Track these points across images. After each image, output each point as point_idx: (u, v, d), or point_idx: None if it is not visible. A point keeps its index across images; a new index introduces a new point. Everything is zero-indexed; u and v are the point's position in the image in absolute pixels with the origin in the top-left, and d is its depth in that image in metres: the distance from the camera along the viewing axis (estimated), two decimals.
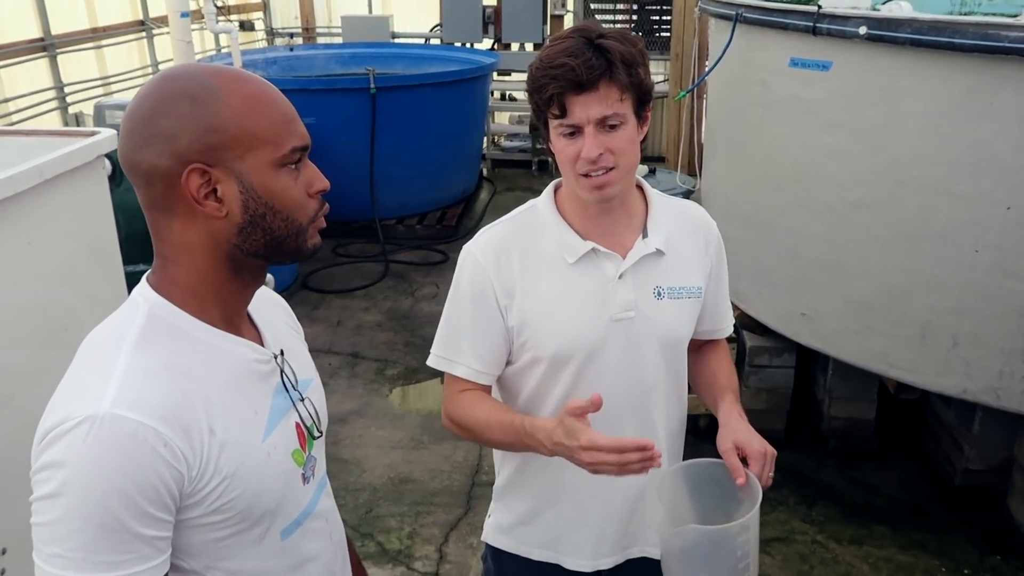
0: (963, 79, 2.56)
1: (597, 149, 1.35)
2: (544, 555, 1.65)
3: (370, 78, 5.84)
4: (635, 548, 1.64)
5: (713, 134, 3.92)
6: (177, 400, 0.97)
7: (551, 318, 1.48)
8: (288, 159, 1.03)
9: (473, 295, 1.50)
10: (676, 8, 6.53)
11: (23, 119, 5.56)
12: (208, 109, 0.98)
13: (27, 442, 2.06)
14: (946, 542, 3.10)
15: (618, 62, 1.32)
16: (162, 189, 1.00)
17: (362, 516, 3.25)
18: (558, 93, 1.33)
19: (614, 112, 1.34)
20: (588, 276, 1.48)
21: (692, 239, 1.57)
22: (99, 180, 2.31)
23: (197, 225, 1.02)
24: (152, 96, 1.00)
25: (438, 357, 1.56)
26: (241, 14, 8.70)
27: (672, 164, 6.15)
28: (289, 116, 1.05)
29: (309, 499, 1.17)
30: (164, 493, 0.94)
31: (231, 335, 1.07)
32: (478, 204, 7.25)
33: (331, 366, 4.43)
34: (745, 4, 3.22)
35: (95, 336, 1.05)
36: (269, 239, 1.05)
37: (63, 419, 0.93)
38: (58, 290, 2.09)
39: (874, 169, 2.86)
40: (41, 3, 5.72)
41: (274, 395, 1.12)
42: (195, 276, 1.04)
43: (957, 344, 2.80)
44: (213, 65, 1.05)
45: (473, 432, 1.53)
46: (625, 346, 1.49)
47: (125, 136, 1.01)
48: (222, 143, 0.99)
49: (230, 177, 1.00)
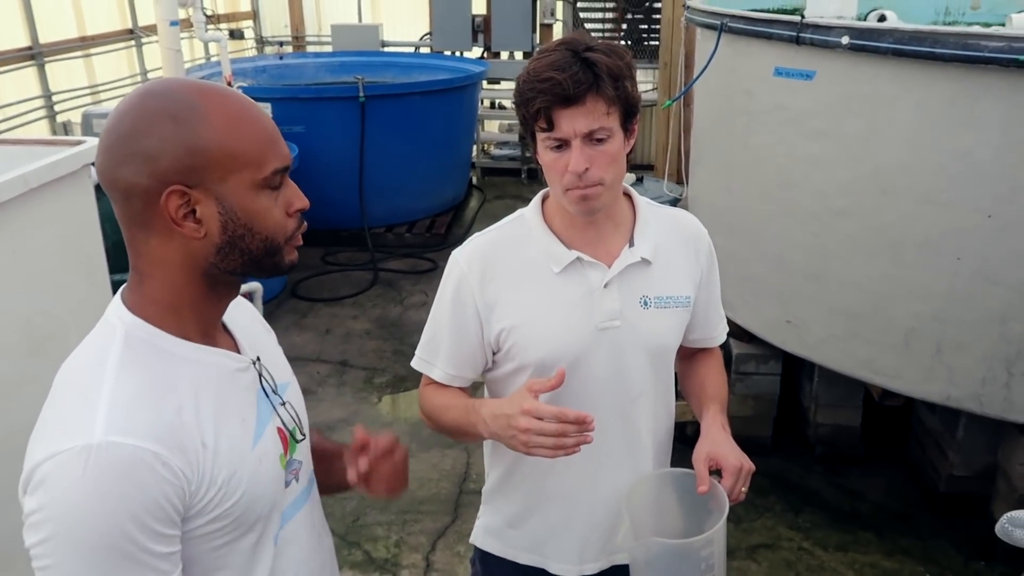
0: (945, 88, 2.59)
1: (584, 163, 1.35)
2: (530, 559, 1.66)
3: (359, 86, 5.85)
4: (620, 555, 1.64)
5: (699, 143, 3.94)
6: (168, 419, 0.97)
7: (536, 326, 1.49)
8: (269, 181, 1.03)
9: (453, 303, 1.53)
10: (664, 18, 6.57)
11: (11, 128, 5.54)
12: (190, 130, 0.97)
13: (12, 451, 2.05)
14: (931, 548, 3.11)
15: (605, 76, 1.33)
16: (140, 207, 0.99)
17: (349, 525, 3.25)
18: (545, 107, 1.34)
19: (600, 126, 1.35)
20: (573, 285, 1.49)
21: (682, 248, 1.57)
22: (85, 189, 2.31)
23: (174, 243, 1.01)
24: (133, 113, 0.99)
25: (419, 359, 1.61)
26: (231, 23, 8.70)
27: (660, 172, 6.18)
28: (272, 137, 1.04)
29: (293, 501, 1.18)
30: (170, 510, 0.95)
31: (208, 347, 1.07)
32: (468, 212, 7.26)
33: (320, 374, 4.43)
34: (730, 14, 3.25)
35: (71, 364, 1.04)
36: (247, 258, 1.05)
37: (52, 453, 0.91)
38: (44, 299, 2.09)
39: (858, 178, 2.88)
40: (29, 11, 5.70)
41: (257, 402, 1.12)
42: (171, 291, 1.04)
43: (941, 351, 2.82)
44: (196, 81, 1.04)
45: (434, 417, 1.58)
46: (611, 355, 1.50)
47: (104, 151, 1.00)
48: (203, 165, 0.98)
49: (210, 198, 1.00)
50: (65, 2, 6.26)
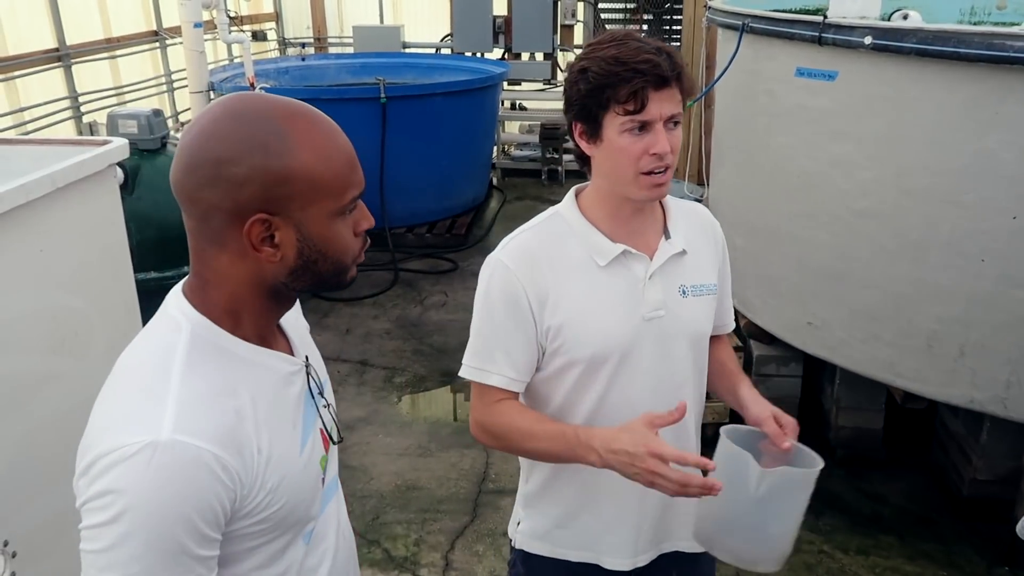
0: (969, 89, 2.57)
1: (667, 145, 1.41)
2: (581, 556, 1.66)
3: (381, 88, 5.88)
4: (668, 543, 1.66)
5: (720, 143, 3.93)
6: (231, 422, 0.98)
7: (586, 321, 1.50)
8: (347, 208, 1.04)
9: (506, 304, 1.50)
10: (686, 18, 6.55)
11: (38, 128, 5.63)
12: (279, 160, 0.97)
13: (38, 445, 2.09)
14: (954, 553, 3.08)
15: (680, 67, 1.40)
16: (219, 227, 1.00)
17: (369, 523, 3.27)
18: (641, 88, 1.37)
19: (678, 111, 1.41)
20: (618, 278, 1.51)
21: (704, 238, 1.63)
22: (111, 188, 2.34)
23: (246, 263, 1.02)
24: (222, 139, 0.97)
25: (471, 368, 1.55)
26: (254, 24, 8.77)
27: (680, 173, 6.16)
28: (352, 163, 1.04)
29: (324, 500, 1.19)
30: (220, 514, 0.96)
31: (265, 349, 1.08)
32: (488, 213, 7.27)
33: (340, 373, 4.46)
34: (751, 14, 3.24)
35: (136, 356, 1.04)
36: (316, 280, 1.06)
37: (118, 445, 0.92)
38: (69, 296, 2.12)
39: (880, 178, 2.86)
40: (57, 14, 5.79)
41: (304, 405, 1.13)
42: (233, 300, 1.05)
43: (964, 354, 2.79)
44: (282, 102, 1.02)
45: (511, 442, 1.53)
46: (656, 345, 1.52)
47: (187, 170, 0.99)
48: (288, 195, 0.98)
49: (289, 225, 1.00)
50: (91, 5, 6.35)
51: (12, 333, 1.91)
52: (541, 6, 7.98)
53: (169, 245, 3.46)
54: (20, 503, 1.87)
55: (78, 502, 0.95)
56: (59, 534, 1.92)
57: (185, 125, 7.11)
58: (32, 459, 1.93)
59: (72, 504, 0.96)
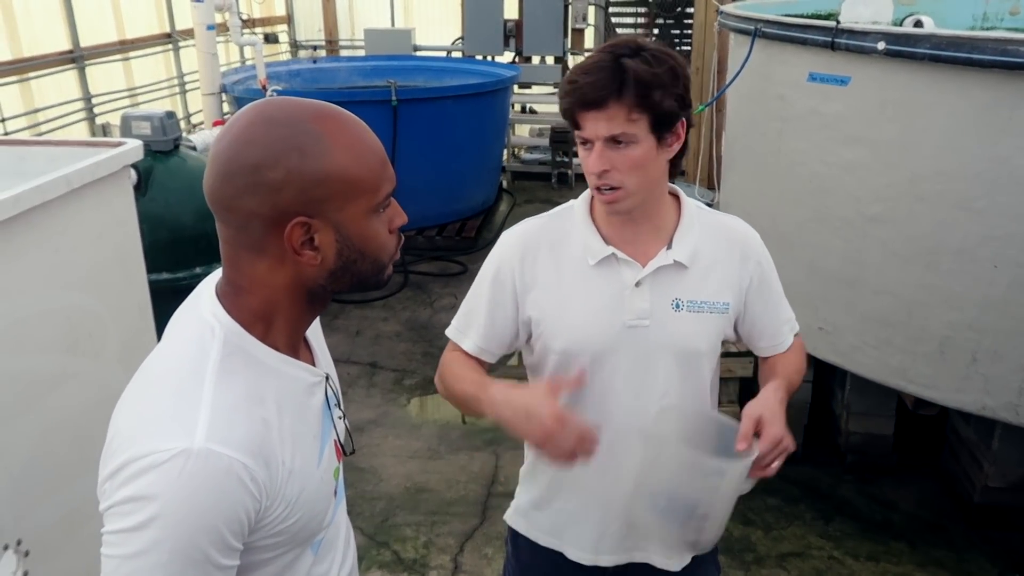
0: (982, 95, 2.56)
1: (601, 165, 1.39)
2: (549, 542, 1.69)
3: (392, 90, 5.89)
4: (639, 553, 1.66)
5: (732, 148, 3.92)
6: (260, 432, 0.98)
7: (563, 315, 1.53)
8: (383, 204, 1.04)
9: (493, 281, 1.58)
10: (697, 22, 6.55)
11: (52, 128, 5.66)
12: (315, 162, 0.97)
13: (51, 445, 2.10)
14: (965, 560, 3.07)
15: (631, 83, 1.34)
16: (258, 234, 0.99)
17: (378, 525, 3.27)
18: (568, 108, 1.41)
19: (623, 131, 1.37)
20: (606, 280, 1.52)
21: (726, 254, 1.57)
22: (125, 190, 2.36)
23: (286, 268, 1.02)
24: (257, 144, 0.97)
25: (454, 328, 1.66)
26: (266, 27, 8.80)
27: (692, 177, 6.15)
28: (383, 160, 1.05)
29: (332, 511, 1.19)
30: (245, 524, 0.96)
31: (292, 359, 1.08)
32: (498, 216, 7.27)
33: (350, 375, 4.46)
34: (764, 19, 3.23)
35: (168, 360, 1.03)
36: (356, 280, 1.06)
37: (151, 450, 0.91)
38: (83, 297, 2.13)
39: (892, 184, 2.85)
40: (71, 16, 5.82)
41: (323, 416, 1.13)
42: (269, 306, 1.04)
43: (976, 360, 2.78)
44: (312, 104, 1.02)
45: (447, 383, 1.60)
46: (636, 353, 1.52)
47: (223, 179, 0.98)
48: (326, 196, 0.98)
49: (328, 226, 1.00)
50: (105, 7, 6.39)
51: (27, 333, 1.92)
52: (552, 10, 7.99)
53: (181, 246, 3.49)
54: (33, 502, 1.88)
55: (103, 505, 0.94)
56: (71, 533, 1.93)
57: (198, 127, 7.13)
58: (45, 459, 1.94)
59: (84, 504, 0.96)
